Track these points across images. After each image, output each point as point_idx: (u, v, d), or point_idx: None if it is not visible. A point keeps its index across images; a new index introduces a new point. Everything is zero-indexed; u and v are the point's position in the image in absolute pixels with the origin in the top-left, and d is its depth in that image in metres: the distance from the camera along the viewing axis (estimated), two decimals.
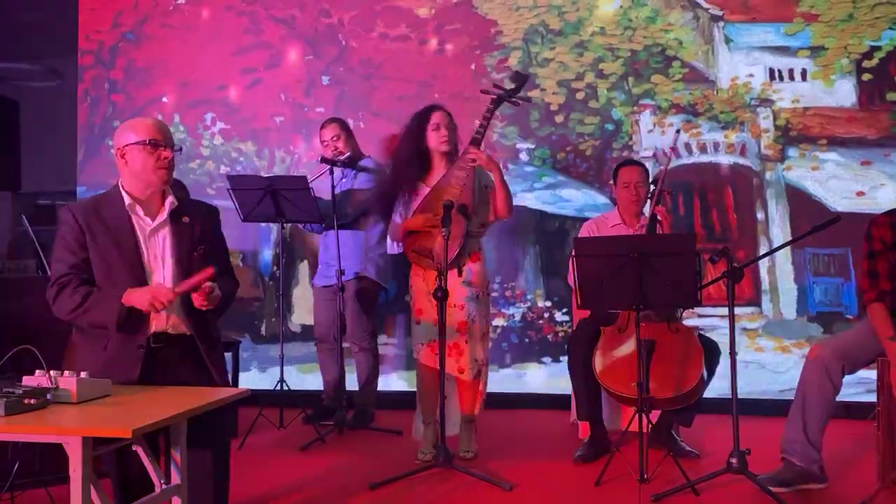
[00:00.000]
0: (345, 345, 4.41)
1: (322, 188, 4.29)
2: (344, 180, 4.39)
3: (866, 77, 4.70)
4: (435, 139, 3.74)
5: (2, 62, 7.27)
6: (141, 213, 2.54)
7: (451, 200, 3.54)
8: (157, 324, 2.48)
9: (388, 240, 3.94)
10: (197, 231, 2.59)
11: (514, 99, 3.82)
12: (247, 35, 5.34)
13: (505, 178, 3.75)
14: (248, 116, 5.31)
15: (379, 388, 4.56)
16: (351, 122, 4.76)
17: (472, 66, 5.08)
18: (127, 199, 2.53)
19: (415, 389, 3.87)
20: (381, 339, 4.89)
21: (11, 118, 5.67)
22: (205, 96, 5.35)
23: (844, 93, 4.72)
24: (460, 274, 3.63)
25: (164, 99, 5.40)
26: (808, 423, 3.16)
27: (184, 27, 5.41)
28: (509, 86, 3.80)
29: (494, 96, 3.78)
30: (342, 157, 4.30)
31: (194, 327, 2.53)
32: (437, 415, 3.51)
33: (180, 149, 2.61)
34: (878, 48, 4.68)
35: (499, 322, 4.94)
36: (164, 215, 2.55)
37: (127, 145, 2.50)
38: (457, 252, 3.60)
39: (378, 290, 4.50)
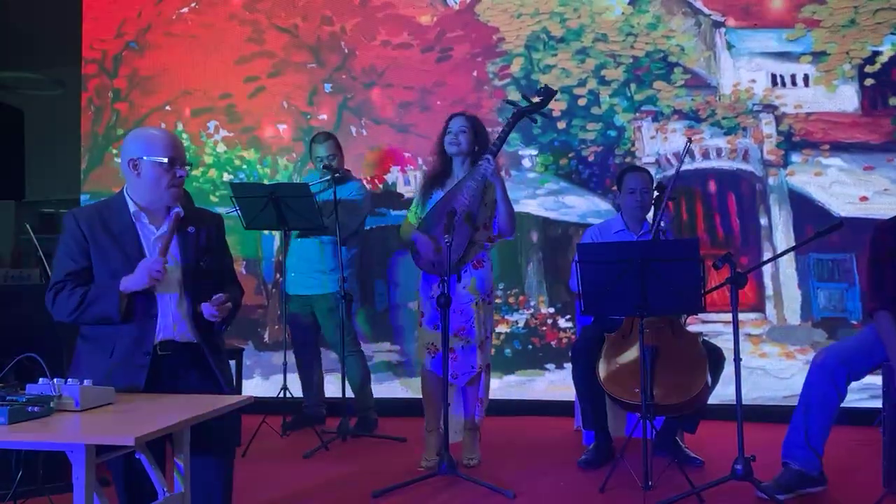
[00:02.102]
0: (332, 355, 4.50)
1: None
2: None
3: (869, 82, 4.70)
4: (447, 143, 3.78)
5: (6, 71, 7.30)
6: (146, 220, 2.54)
7: (455, 208, 3.56)
8: (165, 332, 2.48)
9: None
10: (202, 240, 2.60)
11: (535, 115, 3.83)
12: (250, 43, 5.35)
13: (508, 183, 3.76)
14: (251, 124, 5.32)
15: (382, 396, 4.56)
16: (353, 130, 4.77)
17: (475, 74, 5.09)
18: (132, 207, 2.53)
19: (417, 396, 3.87)
20: (385, 345, 4.89)
21: (16, 127, 5.69)
22: (208, 104, 5.37)
23: (847, 98, 4.72)
24: (459, 280, 3.64)
25: (168, 107, 5.41)
26: (810, 429, 3.14)
27: (187, 36, 5.42)
28: (535, 99, 3.81)
29: (516, 109, 3.80)
30: (338, 174, 4.39)
31: (201, 335, 2.54)
32: (441, 421, 3.51)
33: (191, 164, 2.62)
34: (880, 53, 4.68)
35: (502, 329, 4.93)
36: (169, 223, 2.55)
37: (142, 158, 2.50)
38: (458, 258, 3.61)
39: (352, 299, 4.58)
